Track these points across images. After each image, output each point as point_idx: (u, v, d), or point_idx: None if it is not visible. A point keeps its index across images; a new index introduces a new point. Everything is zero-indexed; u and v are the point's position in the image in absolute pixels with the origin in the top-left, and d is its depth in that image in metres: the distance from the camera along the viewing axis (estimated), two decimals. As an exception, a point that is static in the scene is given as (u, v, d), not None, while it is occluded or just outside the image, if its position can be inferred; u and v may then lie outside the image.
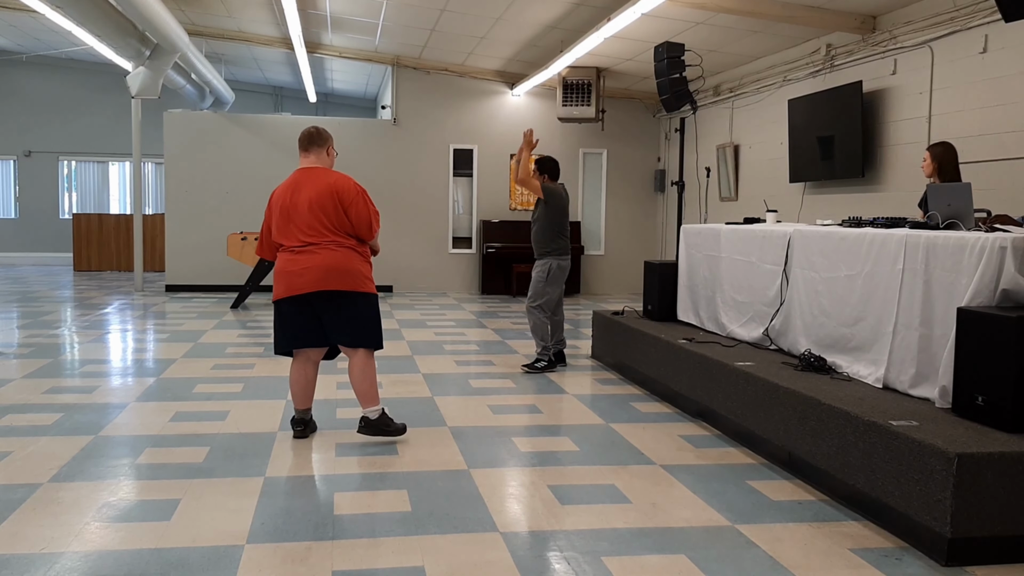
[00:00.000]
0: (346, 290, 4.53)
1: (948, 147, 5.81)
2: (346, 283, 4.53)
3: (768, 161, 10.43)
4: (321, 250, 4.51)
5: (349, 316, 4.59)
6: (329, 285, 4.50)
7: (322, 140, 4.75)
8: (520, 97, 13.74)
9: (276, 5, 10.84)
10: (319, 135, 4.76)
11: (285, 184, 4.67)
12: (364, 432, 4.72)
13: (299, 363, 4.78)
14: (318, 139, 4.74)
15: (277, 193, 4.67)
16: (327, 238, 4.52)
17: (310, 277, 4.48)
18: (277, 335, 4.73)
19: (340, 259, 4.52)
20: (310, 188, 4.55)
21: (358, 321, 4.62)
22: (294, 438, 4.80)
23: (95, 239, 16.77)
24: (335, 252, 4.52)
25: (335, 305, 4.55)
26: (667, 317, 6.89)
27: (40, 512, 3.57)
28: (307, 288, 4.50)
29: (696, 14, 8.77)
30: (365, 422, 4.72)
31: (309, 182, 4.59)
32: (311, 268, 4.49)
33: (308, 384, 4.80)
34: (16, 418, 5.11)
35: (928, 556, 3.25)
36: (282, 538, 3.35)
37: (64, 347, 7.80)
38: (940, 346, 3.93)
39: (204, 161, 13.13)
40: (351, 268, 4.55)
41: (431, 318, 10.39)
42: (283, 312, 4.65)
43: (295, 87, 18.57)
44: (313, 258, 4.50)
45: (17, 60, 17.65)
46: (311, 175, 4.63)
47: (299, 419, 4.83)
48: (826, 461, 3.92)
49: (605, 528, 3.52)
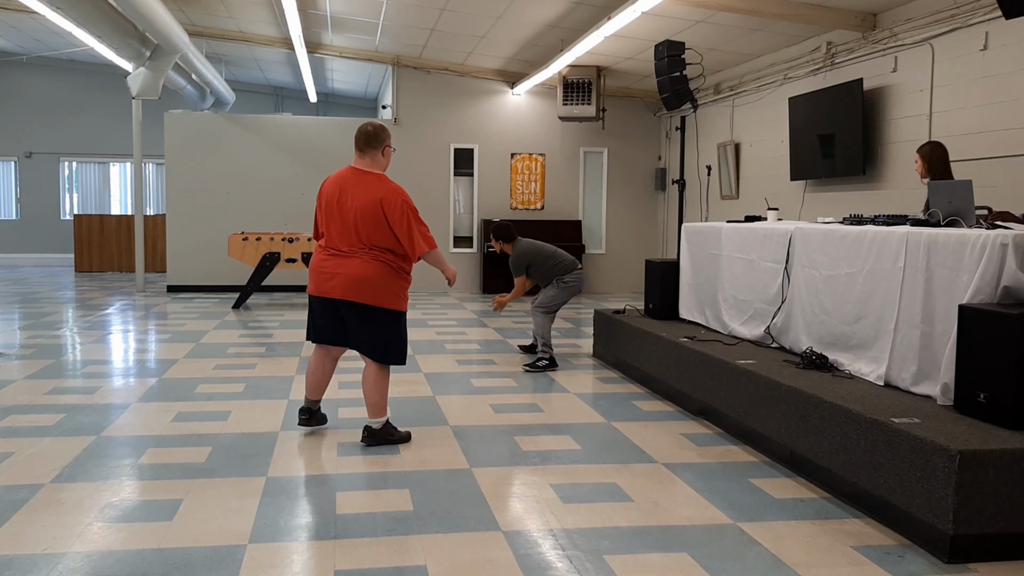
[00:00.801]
0: (369, 304, 4.51)
1: (936, 145, 5.79)
2: (371, 297, 4.49)
3: (769, 159, 10.43)
4: (353, 259, 4.50)
5: (370, 329, 4.58)
6: (354, 296, 4.48)
7: (378, 141, 4.60)
8: (520, 96, 13.74)
9: (276, 5, 10.84)
10: (376, 136, 4.60)
11: (335, 179, 4.61)
12: (367, 442, 4.69)
13: (319, 355, 4.84)
14: (375, 140, 4.60)
15: (326, 186, 4.64)
16: (363, 248, 4.51)
17: (337, 283, 4.50)
18: (308, 324, 4.82)
19: (370, 271, 4.48)
20: (359, 196, 4.48)
21: (378, 335, 4.59)
22: (298, 424, 4.86)
23: (96, 240, 16.78)
24: (367, 264, 4.48)
25: (358, 315, 4.55)
26: (668, 315, 6.89)
27: (42, 513, 3.57)
28: (333, 293, 4.52)
29: (696, 12, 8.77)
30: (368, 432, 4.70)
31: (359, 188, 4.51)
32: (340, 275, 4.50)
33: (324, 377, 4.86)
34: (18, 419, 5.11)
35: (930, 553, 3.25)
36: (284, 538, 3.35)
37: (66, 348, 7.80)
38: (942, 343, 3.93)
39: (205, 161, 13.14)
40: (379, 282, 4.50)
41: (432, 317, 10.39)
42: (312, 307, 4.75)
43: (296, 87, 18.57)
44: (344, 265, 4.51)
45: (17, 61, 17.65)
46: (362, 180, 4.54)
47: (306, 408, 4.88)
48: (828, 459, 3.92)
49: (607, 527, 3.52)
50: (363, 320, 4.55)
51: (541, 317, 7.11)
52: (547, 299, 7.14)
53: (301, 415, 4.88)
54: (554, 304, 7.15)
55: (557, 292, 7.12)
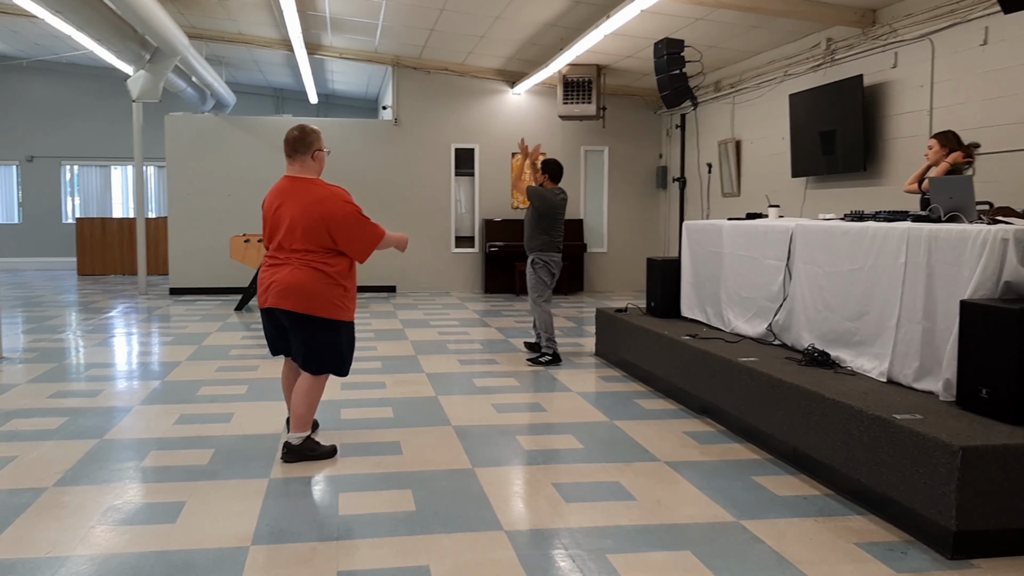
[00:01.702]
0: (302, 312, 4.26)
1: (954, 135, 5.92)
2: (303, 305, 4.25)
3: (770, 156, 10.42)
4: (286, 267, 4.30)
5: (303, 338, 4.34)
6: (286, 304, 4.26)
7: (305, 145, 4.34)
8: (521, 95, 13.74)
9: (275, 7, 10.84)
10: (302, 139, 4.34)
11: (273, 190, 4.44)
12: (286, 459, 4.38)
13: (287, 365, 4.71)
14: (301, 144, 4.34)
15: (267, 198, 4.48)
16: (296, 255, 4.28)
17: (272, 292, 4.30)
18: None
19: (301, 279, 4.24)
20: (294, 205, 4.28)
21: (310, 344, 4.35)
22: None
23: (98, 243, 16.79)
24: (298, 271, 4.25)
25: (292, 324, 4.35)
26: (670, 314, 6.89)
27: (45, 516, 3.57)
28: (269, 303, 4.33)
29: (695, 10, 8.76)
30: (288, 448, 4.40)
31: (294, 196, 4.31)
32: (274, 283, 4.30)
33: (290, 386, 4.62)
34: (21, 422, 5.12)
35: (933, 549, 3.25)
36: (287, 539, 3.35)
37: (69, 351, 7.81)
38: (943, 339, 3.93)
39: (206, 164, 13.14)
40: (311, 289, 4.24)
41: (434, 318, 10.40)
42: (261, 319, 4.58)
43: (296, 89, 18.57)
44: (277, 273, 4.31)
45: (18, 66, 17.68)
46: (297, 188, 4.33)
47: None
48: (830, 456, 3.92)
49: (610, 525, 3.52)
50: (297, 328, 4.32)
51: (539, 310, 7.16)
52: (532, 287, 7.17)
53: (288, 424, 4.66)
54: (540, 290, 7.14)
55: (536, 279, 7.12)
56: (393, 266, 13.43)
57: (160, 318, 10.30)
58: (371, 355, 7.62)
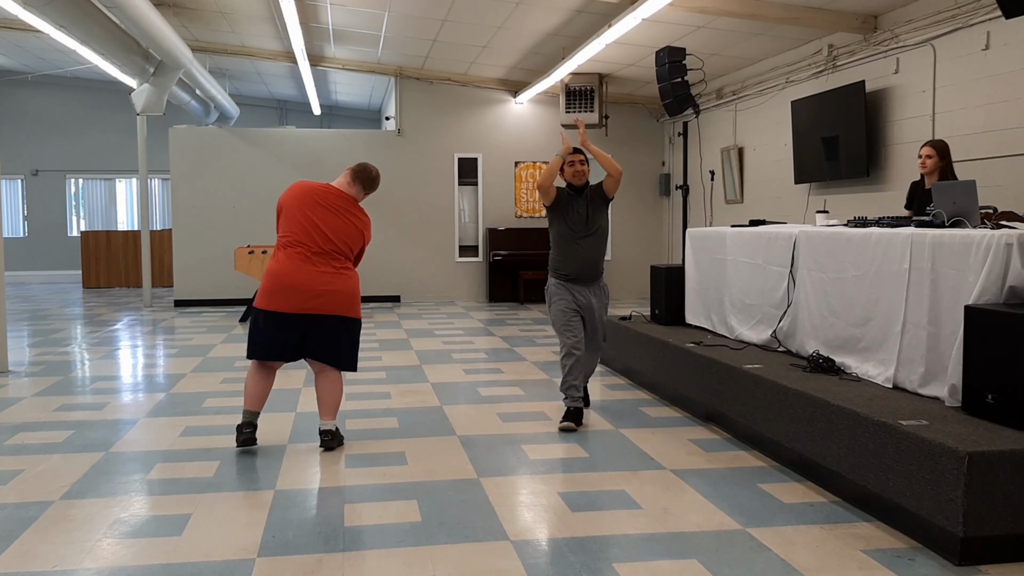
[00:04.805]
0: (350, 316, 4.83)
1: (945, 144, 5.92)
2: (353, 309, 4.85)
3: (773, 163, 10.42)
4: (331, 274, 4.73)
5: (346, 339, 4.85)
6: (339, 310, 4.74)
7: (372, 187, 4.96)
8: (523, 105, 13.77)
9: (278, 19, 10.89)
10: (375, 182, 4.97)
11: (317, 191, 4.82)
12: (333, 445, 4.81)
13: (266, 369, 4.87)
14: (372, 185, 4.95)
15: (302, 195, 4.82)
16: (335, 260, 4.76)
17: (326, 300, 4.68)
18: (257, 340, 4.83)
19: (353, 287, 4.84)
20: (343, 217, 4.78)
21: (347, 344, 4.87)
22: (240, 444, 4.77)
23: (103, 256, 16.84)
24: (349, 280, 4.82)
25: (333, 327, 4.76)
26: (675, 321, 6.88)
27: (52, 530, 3.58)
28: (323, 309, 4.68)
29: (697, 18, 8.78)
30: (331, 435, 4.81)
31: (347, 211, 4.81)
32: (329, 292, 4.69)
33: (268, 388, 4.90)
34: (28, 436, 5.13)
35: (941, 556, 3.24)
36: (293, 551, 3.35)
37: (74, 364, 7.83)
38: (949, 345, 3.92)
39: (210, 176, 13.18)
40: (357, 295, 4.87)
41: (439, 327, 10.40)
42: (270, 321, 4.77)
43: (299, 100, 18.63)
44: (329, 282, 4.70)
45: (23, 80, 17.76)
46: (350, 206, 4.84)
47: (251, 422, 4.83)
48: (837, 462, 3.91)
49: (616, 534, 3.51)
50: (338, 331, 4.75)
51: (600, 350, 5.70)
52: (607, 324, 5.72)
53: (244, 430, 4.77)
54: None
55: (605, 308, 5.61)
56: (397, 276, 13.45)
57: (165, 330, 10.32)
58: (376, 365, 7.62)
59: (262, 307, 4.67)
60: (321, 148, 13.44)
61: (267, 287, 4.65)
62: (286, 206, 4.79)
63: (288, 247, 4.69)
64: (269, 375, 4.87)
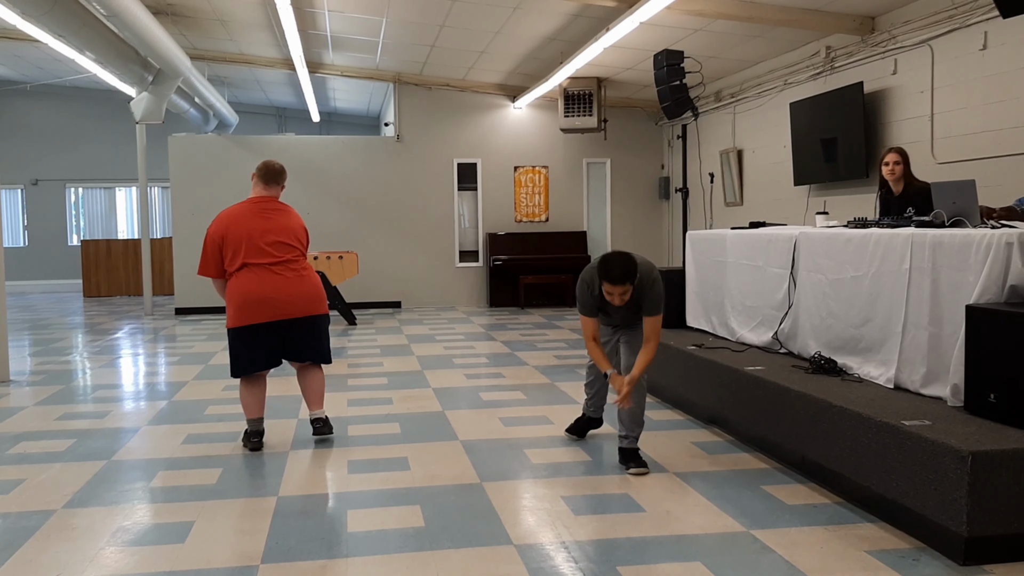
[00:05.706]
0: (322, 313, 5.07)
1: (905, 150, 6.23)
2: (323, 306, 5.10)
3: (772, 165, 10.43)
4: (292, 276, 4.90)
5: (320, 335, 5.08)
6: (317, 309, 4.98)
7: (283, 177, 5.09)
8: (522, 109, 13.79)
9: (277, 27, 10.91)
10: (283, 172, 5.10)
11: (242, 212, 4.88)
12: (326, 431, 5.08)
13: (260, 380, 5.04)
14: (282, 176, 5.08)
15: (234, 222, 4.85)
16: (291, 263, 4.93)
17: (303, 302, 4.90)
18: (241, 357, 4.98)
19: (317, 283, 5.06)
20: (280, 218, 4.93)
21: (323, 339, 5.11)
22: (251, 449, 4.92)
23: (104, 265, 16.84)
24: (311, 278, 5.01)
25: (310, 326, 4.97)
26: (676, 324, 6.87)
27: (55, 539, 3.57)
28: (305, 312, 4.91)
29: (694, 21, 8.79)
30: (322, 422, 5.06)
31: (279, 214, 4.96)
32: (301, 295, 4.89)
33: (261, 399, 5.06)
34: (29, 445, 5.13)
35: (945, 556, 3.23)
36: (296, 557, 3.35)
37: (76, 373, 7.83)
38: (950, 344, 3.92)
39: (210, 184, 13.18)
40: (322, 290, 5.12)
41: (440, 332, 10.40)
42: (253, 336, 4.93)
43: (298, 107, 18.67)
44: (295, 287, 4.87)
45: (21, 90, 17.79)
46: (279, 207, 5.00)
47: (259, 430, 5.01)
48: (839, 463, 3.90)
49: (620, 537, 3.51)
50: (315, 328, 4.96)
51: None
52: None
53: (254, 439, 4.94)
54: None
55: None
56: (398, 282, 13.45)
57: (166, 338, 10.32)
58: (377, 371, 7.62)
59: (238, 324, 4.80)
60: (320, 155, 13.46)
61: (238, 304, 4.78)
62: (227, 235, 4.81)
63: (244, 268, 4.79)
64: (260, 382, 5.01)
